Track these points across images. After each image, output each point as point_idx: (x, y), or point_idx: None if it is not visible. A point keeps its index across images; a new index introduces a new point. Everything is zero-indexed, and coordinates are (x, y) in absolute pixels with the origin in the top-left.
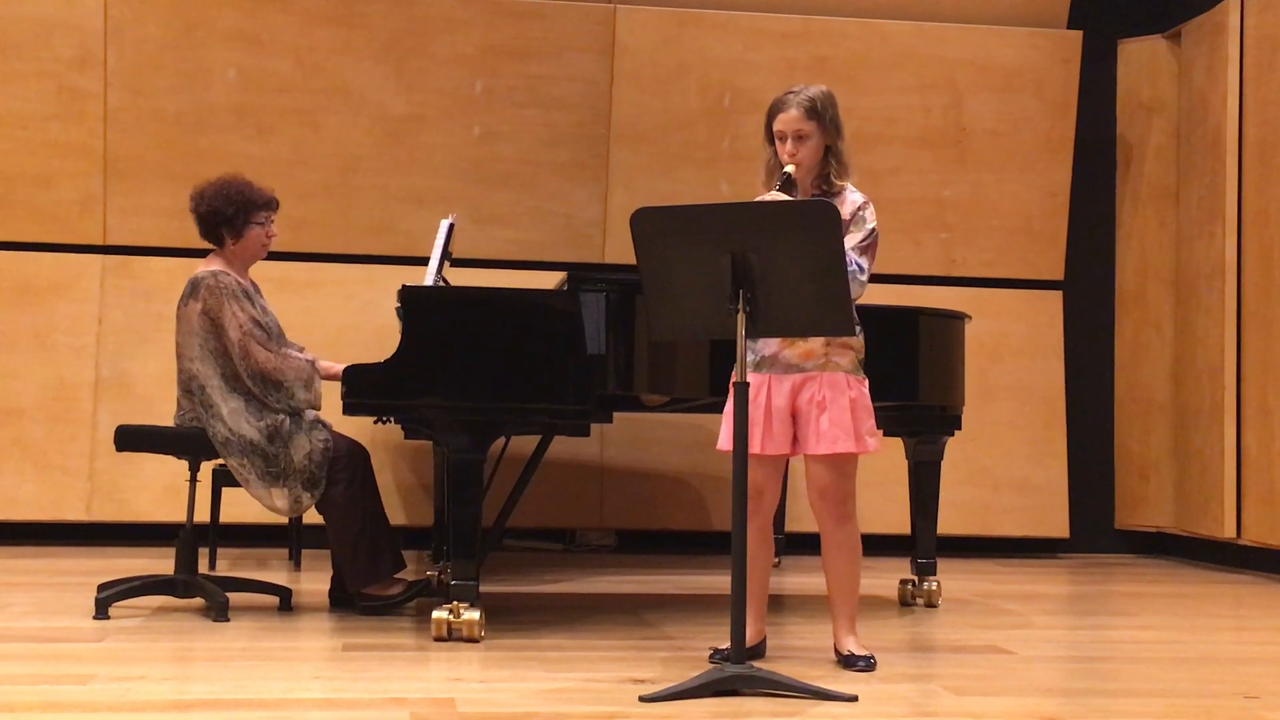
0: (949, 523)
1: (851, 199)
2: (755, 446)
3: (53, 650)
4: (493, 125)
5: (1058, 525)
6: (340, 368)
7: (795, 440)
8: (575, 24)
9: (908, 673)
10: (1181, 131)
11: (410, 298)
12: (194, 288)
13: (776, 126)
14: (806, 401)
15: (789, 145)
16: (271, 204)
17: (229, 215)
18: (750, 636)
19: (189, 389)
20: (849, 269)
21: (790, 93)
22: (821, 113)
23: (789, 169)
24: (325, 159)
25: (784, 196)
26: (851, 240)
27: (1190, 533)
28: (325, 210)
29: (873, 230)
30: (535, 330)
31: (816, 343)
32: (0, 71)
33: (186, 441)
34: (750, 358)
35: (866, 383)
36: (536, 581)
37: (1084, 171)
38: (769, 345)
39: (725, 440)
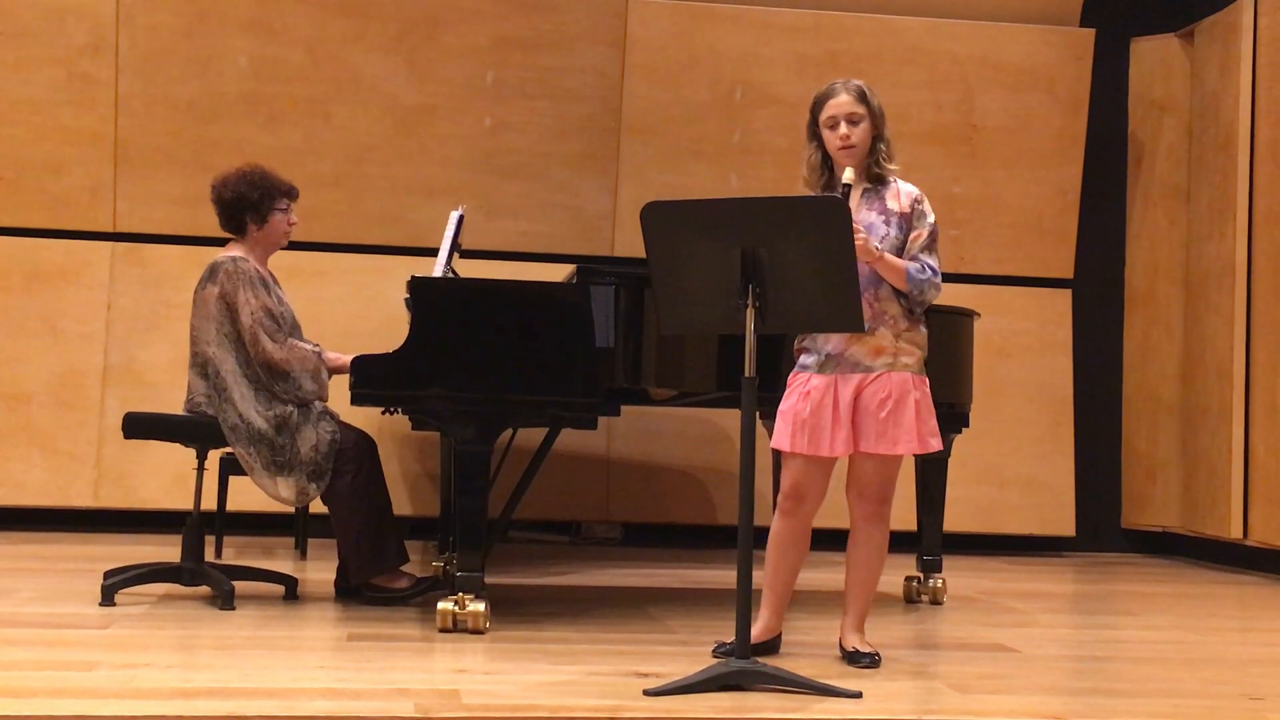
0: (955, 520)
1: (906, 190)
2: (824, 449)
3: (58, 636)
4: (503, 117)
5: (1064, 524)
6: (347, 359)
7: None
8: (587, 16)
9: (912, 670)
10: (1193, 131)
11: (419, 288)
12: (213, 272)
13: (827, 113)
14: (870, 398)
15: (843, 129)
16: (292, 192)
17: (254, 200)
18: (762, 632)
19: (204, 372)
20: (923, 276)
21: (835, 83)
22: (870, 99)
23: (848, 179)
24: (336, 148)
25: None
26: (919, 240)
27: (1197, 533)
28: (335, 200)
29: (934, 226)
30: (544, 322)
31: (886, 339)
32: (12, 57)
33: (194, 429)
34: (814, 358)
35: (927, 382)
36: (542, 574)
37: (1095, 169)
38: (834, 343)
39: (780, 438)
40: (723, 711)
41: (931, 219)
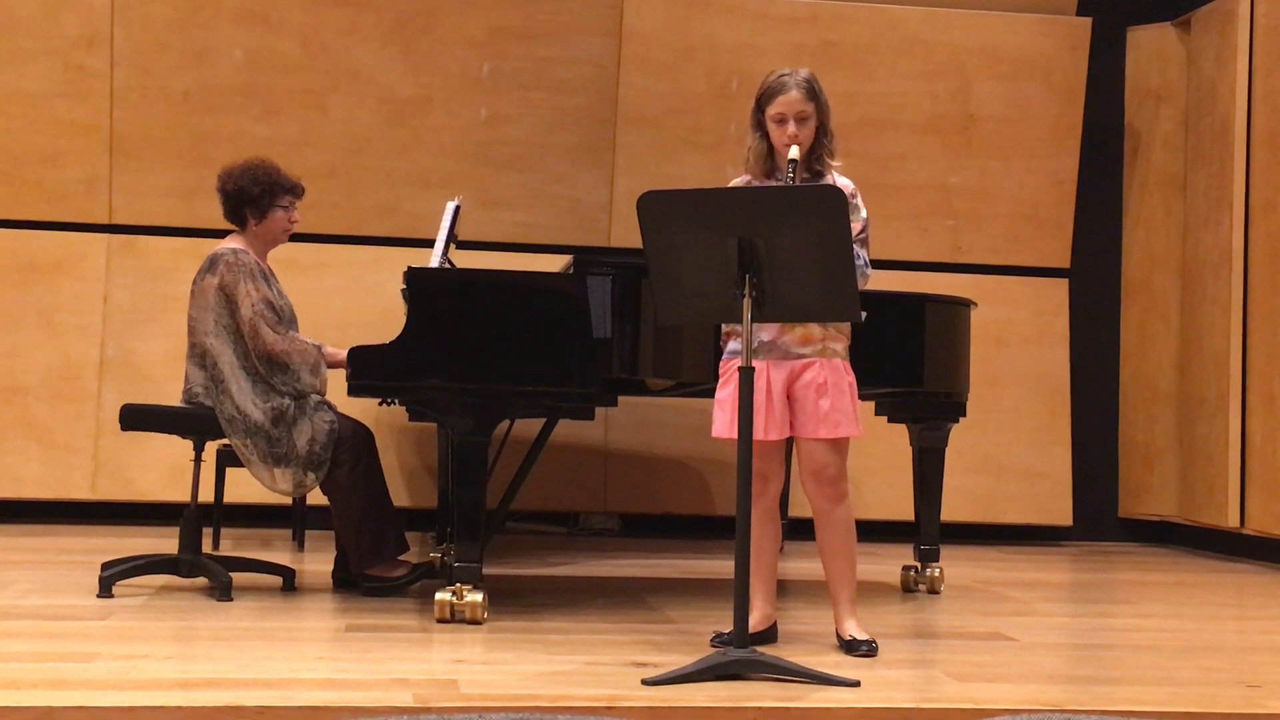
0: (953, 509)
1: (842, 183)
2: (758, 432)
3: (57, 628)
4: (499, 108)
5: (1061, 513)
6: (344, 354)
7: (791, 424)
8: (583, 7)
9: (910, 658)
10: (1190, 120)
11: (416, 279)
12: (213, 263)
13: (776, 109)
14: (805, 385)
15: (791, 127)
16: (297, 189)
17: (254, 195)
18: (760, 620)
19: (202, 363)
20: (858, 261)
21: (784, 75)
22: (818, 93)
23: (794, 155)
24: (332, 140)
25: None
26: (853, 232)
27: (1194, 522)
28: (332, 191)
29: (866, 219)
30: (540, 313)
31: (814, 329)
32: (7, 50)
33: (191, 421)
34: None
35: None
36: (539, 564)
37: (1091, 159)
38: (768, 331)
39: (721, 427)
40: (720, 701)
41: (865, 214)
